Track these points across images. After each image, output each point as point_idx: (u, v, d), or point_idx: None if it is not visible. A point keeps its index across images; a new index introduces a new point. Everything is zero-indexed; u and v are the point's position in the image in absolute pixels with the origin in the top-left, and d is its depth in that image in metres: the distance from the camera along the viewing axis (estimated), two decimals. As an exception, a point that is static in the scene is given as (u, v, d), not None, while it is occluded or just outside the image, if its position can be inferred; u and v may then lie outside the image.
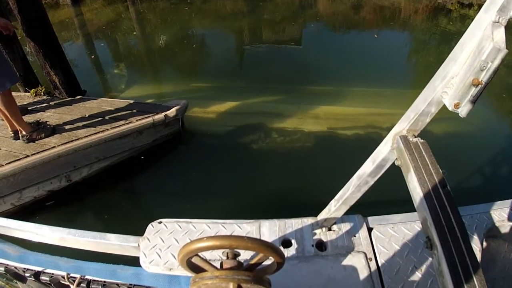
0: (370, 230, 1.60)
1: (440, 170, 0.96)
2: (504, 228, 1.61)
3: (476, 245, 1.55)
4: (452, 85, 0.80)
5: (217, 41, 8.21)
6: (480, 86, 0.73)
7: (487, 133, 4.87)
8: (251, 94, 5.68)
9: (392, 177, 1.27)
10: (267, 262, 1.03)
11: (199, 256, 0.99)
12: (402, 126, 1.05)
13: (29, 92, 4.78)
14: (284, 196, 3.79)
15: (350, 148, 4.36)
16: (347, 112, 5.14)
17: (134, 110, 4.42)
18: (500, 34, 0.68)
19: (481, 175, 4.08)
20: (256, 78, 6.40)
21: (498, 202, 1.75)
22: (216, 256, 1.09)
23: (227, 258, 1.00)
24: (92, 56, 7.71)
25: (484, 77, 0.72)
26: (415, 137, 1.04)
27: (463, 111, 0.79)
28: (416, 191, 0.93)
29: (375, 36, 8.20)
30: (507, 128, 5.13)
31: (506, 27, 0.67)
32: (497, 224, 1.63)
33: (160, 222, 1.67)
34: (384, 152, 1.13)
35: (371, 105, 5.14)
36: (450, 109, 0.81)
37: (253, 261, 1.00)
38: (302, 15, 9.97)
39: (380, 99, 5.22)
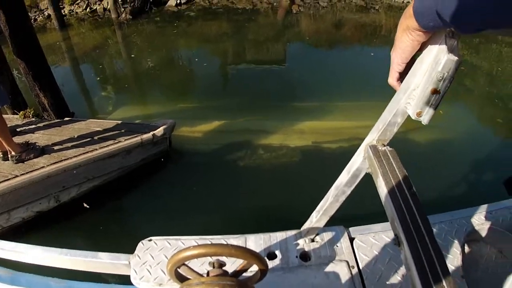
0: (352, 239, 1.64)
1: (406, 174, 1.00)
2: (484, 232, 1.65)
3: (457, 249, 1.60)
4: (414, 96, 0.85)
5: (203, 62, 8.34)
6: (438, 95, 0.80)
7: (469, 140, 5.04)
8: (237, 113, 5.78)
9: (374, 189, 1.35)
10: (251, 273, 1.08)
11: (187, 266, 1.04)
12: (372, 136, 1.10)
13: (17, 114, 4.83)
14: (271, 210, 3.84)
15: (334, 161, 4.45)
16: (331, 126, 5.27)
17: (122, 130, 4.48)
18: (453, 46, 0.75)
19: (463, 181, 4.22)
20: (241, 97, 6.51)
21: (477, 207, 1.81)
22: (204, 269, 1.13)
23: (213, 267, 1.05)
24: (80, 79, 7.79)
25: (441, 86, 0.79)
26: (384, 146, 1.10)
27: (425, 118, 0.85)
28: (384, 194, 0.98)
29: (372, 54, 8.39)
30: (488, 134, 5.30)
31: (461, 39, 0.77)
32: (476, 228, 1.68)
33: (150, 240, 1.70)
34: (358, 162, 1.17)
35: (354, 118, 5.28)
36: (413, 117, 0.87)
37: (238, 268, 1.05)
38: (286, 34, 10.20)
39: (362, 112, 5.32)
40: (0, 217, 3.61)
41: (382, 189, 0.99)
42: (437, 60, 0.76)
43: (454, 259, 1.56)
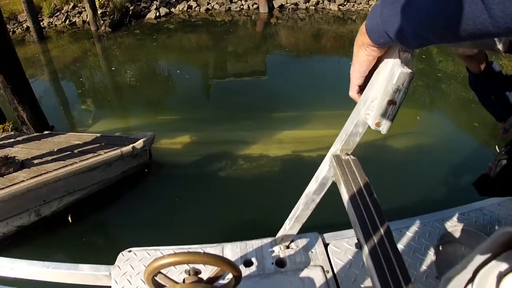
0: (326, 245, 1.69)
1: (368, 181, 1.04)
2: (458, 233, 1.70)
3: (431, 251, 1.66)
4: (373, 107, 0.88)
5: (183, 75, 8.39)
6: (394, 105, 0.84)
7: (445, 144, 5.21)
8: (217, 124, 5.84)
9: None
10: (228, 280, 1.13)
11: (163, 274, 1.08)
12: (336, 146, 1.13)
13: (-4, 128, 4.81)
14: (249, 219, 3.90)
15: (314, 169, 4.50)
16: (311, 135, 5.37)
17: (102, 143, 4.50)
18: (407, 60, 0.79)
19: (438, 184, 4.34)
20: (221, 108, 6.59)
21: (451, 209, 1.88)
22: (182, 277, 1.13)
23: (189, 275, 1.09)
24: (59, 92, 7.77)
25: (396, 97, 0.82)
26: (348, 155, 1.13)
27: (383, 128, 0.87)
28: (346, 201, 1.01)
29: (350, 63, 8.52)
30: (464, 138, 5.47)
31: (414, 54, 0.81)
32: (450, 229, 1.74)
33: (130, 251, 1.72)
34: (324, 171, 1.20)
35: (333, 126, 5.33)
36: (373, 128, 0.90)
37: (211, 275, 1.10)
38: (265, 46, 10.33)
39: (342, 120, 5.31)
40: (-20, 232, 3.59)
41: (345, 196, 1.02)
42: (392, 73, 0.79)
43: (428, 261, 1.62)
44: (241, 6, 12.75)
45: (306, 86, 7.24)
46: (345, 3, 12.40)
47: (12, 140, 4.61)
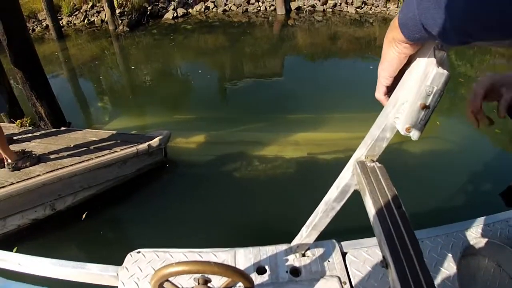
0: (344, 254, 1.60)
1: (395, 192, 0.97)
2: (482, 245, 1.62)
3: (453, 264, 1.56)
4: (403, 110, 0.81)
5: (199, 75, 8.39)
6: (427, 110, 0.78)
7: (465, 151, 5.07)
8: (233, 124, 5.82)
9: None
10: None
11: (171, 282, 1.05)
12: (361, 152, 1.07)
13: (14, 123, 4.85)
14: (263, 223, 3.85)
15: (330, 172, 4.43)
16: (327, 138, 5.31)
17: (118, 141, 4.50)
18: (442, 59, 0.73)
19: (460, 193, 4.22)
20: (237, 109, 6.58)
21: (474, 219, 1.78)
22: (191, 283, 1.08)
23: (198, 284, 1.06)
24: (77, 89, 7.85)
25: (430, 101, 0.76)
26: (373, 161, 1.06)
27: (414, 134, 0.82)
28: (372, 213, 0.95)
29: (371, 67, 8.46)
30: (485, 145, 5.31)
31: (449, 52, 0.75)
32: (474, 241, 1.64)
33: (138, 252, 1.68)
34: (347, 178, 1.14)
35: (350, 129, 5.30)
36: (402, 133, 0.83)
37: (221, 286, 1.06)
38: (281, 47, 10.30)
39: (358, 123, 5.26)
40: (-5, 224, 3.62)
41: (370, 208, 0.96)
42: (426, 73, 0.74)
43: (450, 274, 1.53)
44: (258, 8, 12.76)
45: (322, 88, 7.17)
46: (362, 6, 12.30)
47: (29, 135, 4.64)
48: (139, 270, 1.59)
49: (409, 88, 0.79)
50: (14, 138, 4.54)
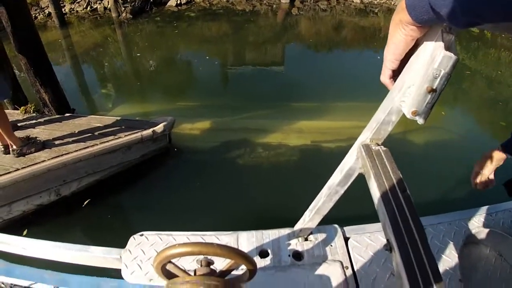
0: (347, 239, 1.60)
1: (400, 175, 0.96)
2: (484, 234, 1.62)
3: (455, 252, 1.55)
4: (409, 94, 0.80)
5: (203, 62, 8.36)
6: (434, 93, 0.76)
7: (470, 142, 5.06)
8: (236, 111, 5.82)
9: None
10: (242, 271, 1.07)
11: (173, 264, 1.03)
12: (366, 135, 1.06)
13: (18, 109, 4.85)
14: (266, 208, 3.87)
15: (333, 160, 4.43)
16: (330, 126, 5.31)
17: (123, 126, 4.51)
18: (450, 42, 0.72)
19: (463, 182, 4.20)
20: (241, 96, 6.56)
21: (477, 208, 1.77)
22: (195, 266, 1.08)
23: (201, 265, 1.04)
24: (80, 77, 7.84)
25: (437, 84, 0.75)
26: (378, 145, 1.05)
27: (420, 118, 0.81)
28: (376, 197, 0.94)
29: (378, 57, 8.40)
30: (490, 137, 5.31)
31: (460, 35, 0.74)
32: (476, 230, 1.64)
33: (141, 235, 1.68)
34: (351, 162, 1.12)
35: (353, 118, 5.30)
36: (408, 117, 0.83)
37: (224, 268, 1.04)
38: (285, 36, 10.25)
39: (361, 112, 5.25)
40: (1, 209, 3.63)
41: (374, 191, 0.96)
42: (433, 56, 0.72)
43: (452, 262, 1.52)
44: (263, -4, 12.66)
45: (326, 77, 7.17)
46: (367, -5, 12.22)
47: (34, 121, 4.64)
48: (142, 253, 1.59)
49: (416, 71, 0.78)
50: (19, 124, 4.54)
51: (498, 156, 1.51)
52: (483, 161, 1.56)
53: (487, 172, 1.52)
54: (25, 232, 3.70)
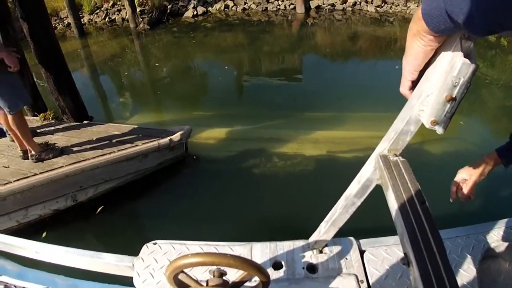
0: (362, 252, 1.58)
1: (419, 187, 0.94)
2: (503, 248, 1.59)
3: (474, 266, 1.52)
4: (428, 103, 0.79)
5: (219, 72, 8.43)
6: (454, 102, 0.75)
7: (486, 153, 4.93)
8: (252, 121, 5.81)
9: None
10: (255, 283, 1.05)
11: (186, 274, 1.03)
12: (383, 146, 1.05)
13: (37, 116, 4.93)
14: (282, 219, 3.82)
15: (349, 171, 4.38)
16: (346, 136, 5.26)
17: (140, 135, 4.54)
18: (469, 50, 0.70)
19: (481, 194, 4.13)
20: (256, 106, 6.56)
21: (496, 221, 1.73)
22: (207, 276, 1.07)
23: (213, 276, 1.04)
24: (98, 85, 7.97)
25: (457, 93, 0.73)
26: (396, 156, 1.04)
27: (439, 128, 0.80)
28: (394, 209, 0.92)
29: (396, 67, 8.36)
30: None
31: (477, 43, 0.72)
32: (495, 244, 1.61)
33: (155, 243, 1.68)
34: (368, 173, 1.11)
35: (369, 128, 5.23)
36: (427, 126, 0.81)
37: (237, 280, 1.04)
38: (301, 46, 10.26)
39: (378, 122, 5.24)
40: (17, 213, 3.69)
41: (392, 203, 0.94)
42: (452, 64, 0.71)
43: (470, 277, 1.48)
44: (278, 6, 12.71)
45: (341, 87, 7.13)
46: (382, 5, 12.16)
47: (52, 128, 4.71)
48: (155, 261, 1.59)
49: (434, 80, 0.76)
50: (38, 131, 4.61)
51: (492, 163, 1.50)
52: (473, 167, 1.53)
53: (477, 179, 1.49)
54: (44, 234, 3.74)
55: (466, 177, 1.52)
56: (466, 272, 1.50)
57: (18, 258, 1.79)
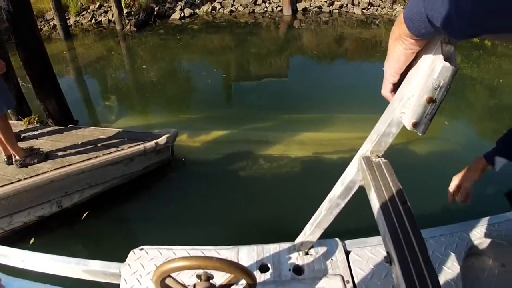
0: (348, 253, 1.60)
1: (401, 187, 0.96)
2: (486, 245, 1.61)
3: (457, 264, 1.54)
4: (409, 105, 0.81)
5: (205, 74, 8.41)
6: (434, 104, 0.76)
7: (471, 152, 4.99)
8: (239, 124, 5.82)
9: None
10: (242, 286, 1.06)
11: (173, 278, 1.04)
12: (366, 147, 1.06)
13: (22, 120, 4.87)
14: (268, 221, 3.84)
15: (335, 172, 4.38)
16: (332, 137, 5.30)
17: (126, 138, 4.52)
18: (449, 53, 0.72)
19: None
20: (243, 108, 6.59)
21: (479, 219, 1.76)
22: (194, 280, 1.09)
23: (200, 280, 1.05)
24: (84, 88, 7.90)
25: (437, 95, 0.75)
26: (379, 157, 1.05)
27: (420, 129, 0.81)
28: (376, 208, 0.94)
29: (382, 69, 8.39)
30: (490, 147, 5.27)
31: (461, 45, 0.73)
32: (478, 241, 1.63)
33: (141, 249, 1.67)
34: (351, 174, 1.13)
35: (355, 129, 5.27)
36: (408, 128, 0.83)
37: (224, 282, 1.05)
38: (288, 48, 10.29)
39: (363, 124, 5.11)
40: (2, 220, 3.63)
41: (374, 203, 0.95)
42: (433, 67, 0.72)
43: (454, 274, 1.51)
44: (265, 9, 12.74)
45: (327, 89, 7.17)
46: (368, 7, 12.26)
47: (37, 132, 4.66)
48: (142, 267, 1.59)
49: (416, 82, 0.78)
50: (22, 135, 4.55)
51: (480, 168, 1.50)
52: (464, 173, 1.55)
53: (468, 184, 1.51)
54: (32, 241, 3.71)
55: (459, 184, 1.55)
56: (450, 269, 1.52)
57: (3, 267, 1.76)
